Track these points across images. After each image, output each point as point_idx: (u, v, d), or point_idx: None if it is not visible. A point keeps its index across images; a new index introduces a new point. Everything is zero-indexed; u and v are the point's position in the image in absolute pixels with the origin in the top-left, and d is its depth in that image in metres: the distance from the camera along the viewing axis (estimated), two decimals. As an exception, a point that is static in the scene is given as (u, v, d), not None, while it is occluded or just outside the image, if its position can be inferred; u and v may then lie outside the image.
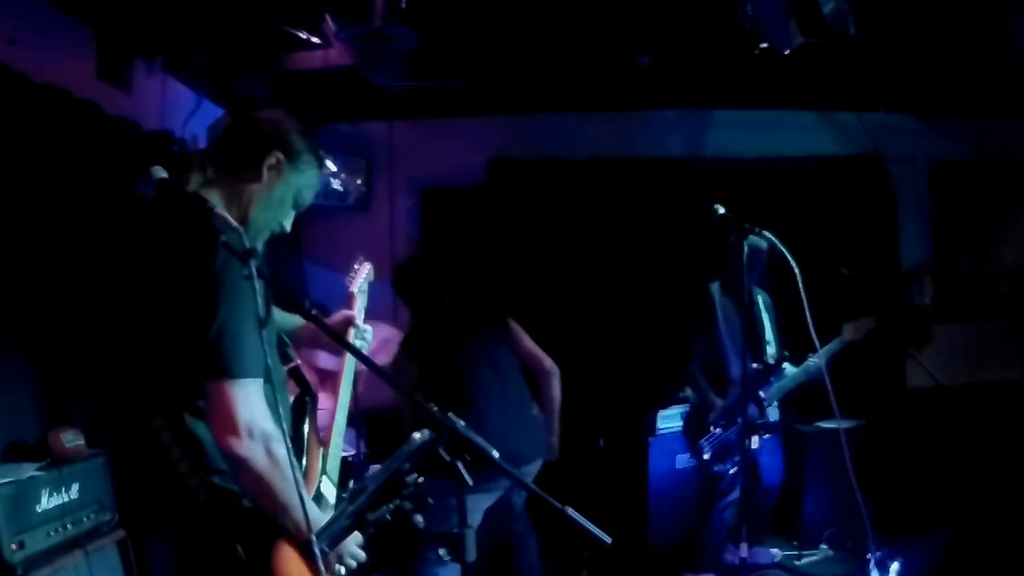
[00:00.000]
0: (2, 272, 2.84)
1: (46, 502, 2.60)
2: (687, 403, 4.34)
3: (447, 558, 1.57)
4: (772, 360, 4.04)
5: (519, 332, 3.77)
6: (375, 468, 2.12)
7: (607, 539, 1.52)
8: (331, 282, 2.59)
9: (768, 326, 4.18)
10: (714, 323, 4.07)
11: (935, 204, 5.52)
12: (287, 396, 2.01)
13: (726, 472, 4.00)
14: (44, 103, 3.09)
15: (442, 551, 1.57)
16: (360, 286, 2.52)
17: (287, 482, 1.65)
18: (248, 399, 1.66)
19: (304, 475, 1.99)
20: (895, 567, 3.23)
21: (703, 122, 5.45)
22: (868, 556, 3.21)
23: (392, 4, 3.28)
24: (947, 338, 5.44)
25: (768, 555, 4.29)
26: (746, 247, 3.15)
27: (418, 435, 1.57)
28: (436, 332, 3.62)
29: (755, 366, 3.93)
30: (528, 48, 4.29)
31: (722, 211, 3.07)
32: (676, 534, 4.41)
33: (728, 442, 3.97)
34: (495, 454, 1.53)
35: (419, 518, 1.62)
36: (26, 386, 2.94)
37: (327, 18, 3.67)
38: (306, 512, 1.54)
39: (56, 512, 2.63)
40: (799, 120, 5.37)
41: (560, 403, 3.77)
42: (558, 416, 3.78)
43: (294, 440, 1.93)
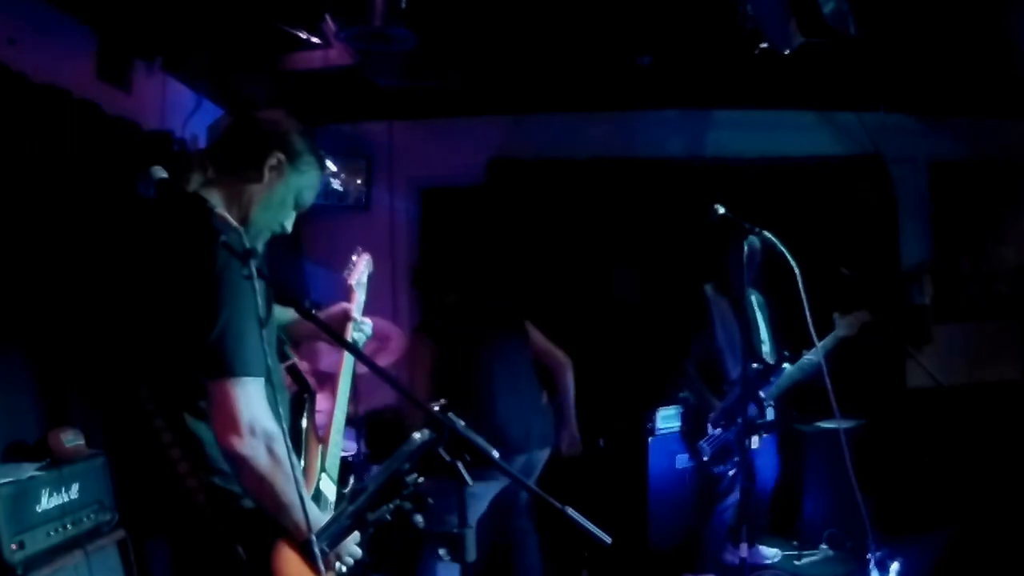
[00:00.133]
0: (2, 272, 2.84)
1: (46, 502, 2.60)
2: (686, 403, 4.33)
3: (447, 558, 1.57)
4: (769, 359, 4.04)
5: (533, 331, 3.82)
6: (376, 468, 2.12)
7: (607, 539, 1.52)
8: (331, 282, 2.58)
9: (762, 325, 4.18)
10: (710, 324, 4.07)
11: (935, 204, 5.52)
12: (287, 396, 2.01)
13: (726, 473, 4.00)
14: (44, 103, 3.09)
15: (442, 551, 1.57)
16: (359, 279, 2.48)
17: (288, 482, 1.65)
18: (250, 398, 1.66)
19: (303, 473, 1.98)
20: (895, 567, 3.22)
21: (703, 122, 5.45)
22: (868, 556, 3.21)
23: (392, 4, 3.28)
24: (947, 338, 5.44)
25: (761, 555, 4.28)
26: (746, 247, 3.15)
27: (418, 435, 1.57)
28: (448, 325, 3.63)
29: (755, 366, 3.92)
30: (528, 48, 4.29)
31: (722, 211, 3.07)
32: (676, 534, 4.41)
33: (728, 443, 3.96)
34: (495, 454, 1.54)
35: (419, 518, 1.62)
36: (26, 386, 2.94)
37: (327, 18, 3.68)
38: (306, 512, 1.54)
39: (56, 512, 2.63)
40: (799, 120, 5.37)
41: (574, 394, 3.85)
42: (574, 407, 3.85)
43: (292, 438, 1.93)
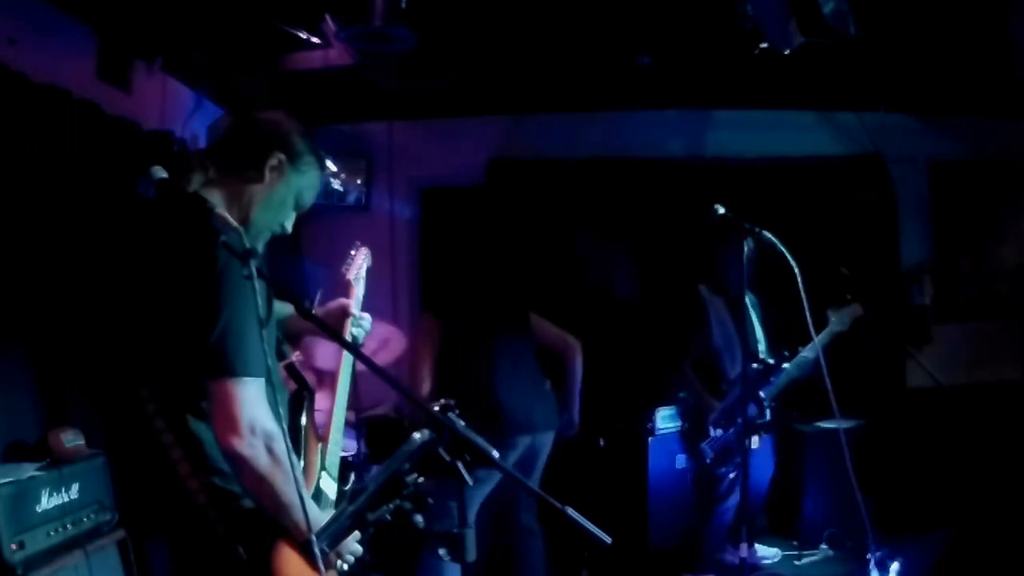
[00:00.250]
0: (2, 272, 2.84)
1: (46, 502, 2.60)
2: (684, 404, 4.33)
3: (447, 558, 1.57)
4: (767, 358, 4.04)
5: (540, 321, 3.84)
6: (376, 468, 2.11)
7: (607, 539, 1.52)
8: (331, 282, 2.58)
9: (756, 325, 4.17)
10: (706, 324, 4.07)
11: (935, 204, 5.52)
12: (287, 397, 2.01)
13: (726, 475, 3.99)
14: (44, 103, 3.09)
15: (442, 551, 1.57)
16: (357, 273, 2.47)
17: (288, 481, 1.65)
18: (250, 398, 1.66)
19: (303, 471, 1.98)
20: (895, 567, 3.22)
21: (703, 122, 5.45)
22: (868, 556, 3.21)
23: (392, 4, 3.28)
24: (947, 338, 5.43)
25: (755, 555, 4.27)
26: (746, 247, 3.16)
27: (418, 435, 1.57)
28: (450, 325, 3.64)
29: (755, 366, 3.92)
30: (528, 48, 4.29)
31: (722, 211, 3.07)
32: (676, 534, 4.40)
33: (729, 444, 3.96)
34: (495, 454, 1.53)
35: (419, 518, 1.62)
36: (26, 386, 2.94)
37: (327, 18, 3.67)
38: (306, 512, 1.54)
39: (56, 512, 2.63)
40: (799, 120, 5.37)
41: (581, 377, 3.91)
42: (578, 390, 3.89)
43: (292, 436, 1.93)
